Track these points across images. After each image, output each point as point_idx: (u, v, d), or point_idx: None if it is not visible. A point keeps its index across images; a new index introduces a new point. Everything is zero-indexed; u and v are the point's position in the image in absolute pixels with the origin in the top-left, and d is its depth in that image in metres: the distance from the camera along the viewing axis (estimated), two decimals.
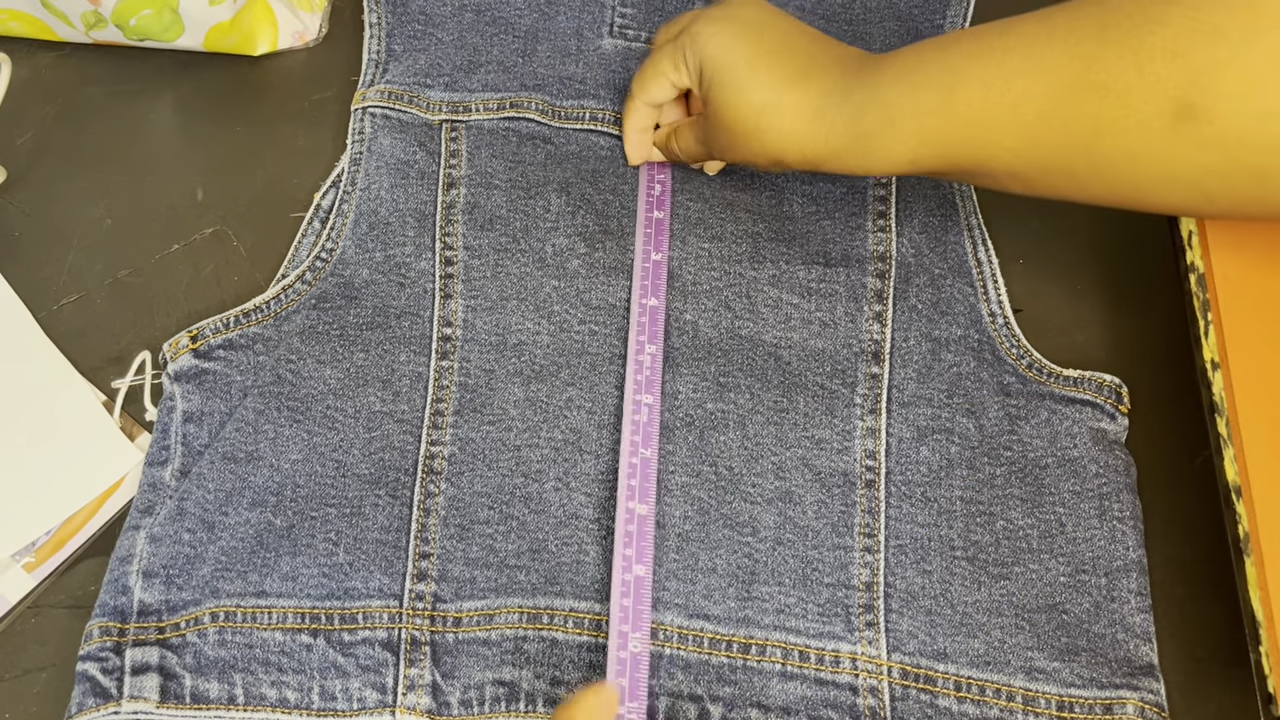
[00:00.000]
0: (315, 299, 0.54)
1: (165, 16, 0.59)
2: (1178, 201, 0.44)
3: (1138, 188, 0.44)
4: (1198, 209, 0.45)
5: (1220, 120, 0.40)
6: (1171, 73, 0.40)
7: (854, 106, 0.47)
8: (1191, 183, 0.42)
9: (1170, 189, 0.43)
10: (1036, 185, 0.46)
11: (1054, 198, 0.47)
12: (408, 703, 0.47)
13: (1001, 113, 0.44)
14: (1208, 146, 0.40)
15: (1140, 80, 0.41)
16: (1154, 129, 0.41)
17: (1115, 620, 0.49)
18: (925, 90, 0.45)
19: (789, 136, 0.49)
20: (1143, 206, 0.45)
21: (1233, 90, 0.39)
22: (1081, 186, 0.45)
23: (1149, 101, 0.41)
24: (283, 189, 0.59)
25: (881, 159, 0.47)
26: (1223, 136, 0.40)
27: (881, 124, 0.46)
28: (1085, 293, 0.58)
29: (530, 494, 0.51)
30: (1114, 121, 0.42)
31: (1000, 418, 0.53)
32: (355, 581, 0.49)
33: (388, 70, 0.60)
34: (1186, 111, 0.40)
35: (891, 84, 0.46)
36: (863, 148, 0.47)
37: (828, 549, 0.50)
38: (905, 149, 0.47)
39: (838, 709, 0.47)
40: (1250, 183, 0.41)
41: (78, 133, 0.61)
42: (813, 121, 0.48)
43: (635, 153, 0.58)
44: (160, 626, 0.48)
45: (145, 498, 0.50)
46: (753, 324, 0.54)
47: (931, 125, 0.45)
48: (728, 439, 0.52)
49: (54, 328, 0.56)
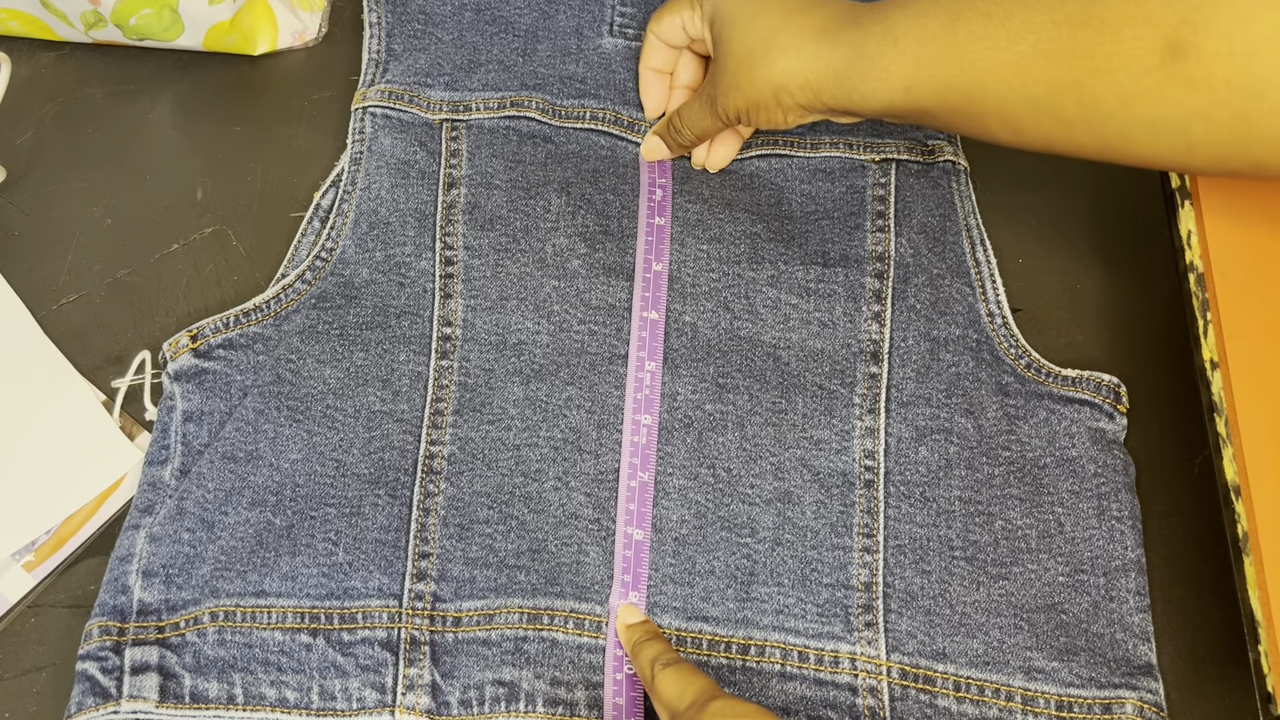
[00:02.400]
0: (315, 298, 0.54)
1: (165, 16, 0.59)
2: (1160, 149, 0.44)
3: (1123, 134, 0.44)
4: (1180, 158, 0.45)
5: (1208, 59, 0.40)
6: (1166, 8, 0.41)
7: (860, 28, 0.48)
8: (1176, 126, 0.43)
9: (1155, 134, 0.43)
10: (1024, 129, 0.46)
11: (1039, 147, 0.47)
12: (407, 702, 0.47)
13: (1000, 43, 0.45)
14: (1195, 86, 0.41)
15: (1136, 15, 0.41)
16: (1144, 66, 0.42)
17: (1114, 620, 0.49)
18: (931, 16, 0.46)
19: (794, 57, 0.50)
20: (1125, 156, 0.46)
21: (1222, 28, 0.40)
22: (1068, 131, 0.45)
23: (1141, 37, 0.41)
24: (282, 188, 0.59)
25: (879, 83, 0.48)
26: (1209, 76, 0.40)
27: (884, 45, 0.47)
28: (1085, 293, 0.58)
29: (530, 493, 0.51)
30: (1106, 57, 0.42)
31: (999, 417, 0.53)
32: (355, 581, 0.49)
33: (388, 70, 0.60)
34: (1177, 49, 0.41)
35: (897, 9, 0.48)
36: (862, 70, 0.48)
37: (827, 549, 0.50)
38: (903, 72, 0.47)
39: (837, 709, 0.47)
40: (1234, 127, 0.42)
41: (77, 132, 0.61)
42: (818, 40, 0.49)
43: (648, 91, 0.59)
44: (160, 626, 0.48)
45: (145, 497, 0.51)
46: (751, 324, 0.54)
47: (931, 51, 0.46)
48: (726, 440, 0.52)
49: (54, 327, 0.56)
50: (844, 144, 0.59)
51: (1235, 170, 0.44)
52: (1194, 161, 0.44)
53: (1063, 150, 0.46)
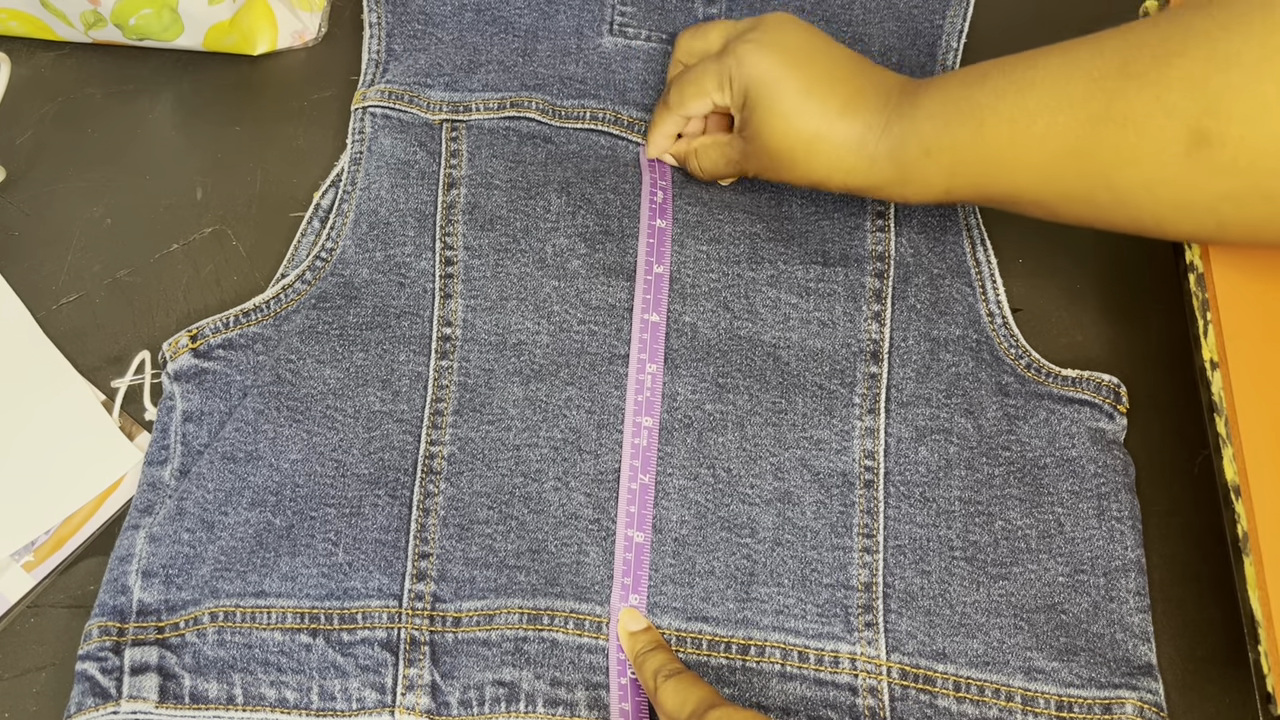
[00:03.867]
0: (315, 299, 0.54)
1: (164, 16, 0.59)
2: (1193, 229, 0.46)
3: (1156, 216, 0.45)
4: (1213, 236, 0.47)
5: (1233, 145, 0.41)
6: (1188, 101, 0.42)
7: (894, 139, 0.49)
8: (1207, 209, 0.44)
9: (1187, 216, 0.45)
10: (1061, 213, 0.48)
11: (1079, 225, 0.49)
12: (407, 703, 0.47)
13: (1028, 146, 0.46)
14: (1222, 172, 0.42)
15: (1158, 109, 0.42)
16: (1170, 156, 0.43)
17: (1114, 620, 0.49)
18: (957, 126, 0.47)
19: (835, 165, 0.51)
20: (1162, 234, 0.47)
21: (1245, 115, 0.41)
22: (1103, 214, 0.47)
23: (1165, 129, 0.42)
24: (282, 188, 0.59)
25: (919, 188, 0.50)
26: (1235, 161, 0.41)
27: (918, 155, 0.49)
28: (1084, 292, 0.58)
29: (530, 494, 0.51)
30: (1133, 150, 0.43)
31: (999, 418, 0.53)
32: (354, 581, 0.49)
33: (388, 70, 0.60)
34: (1201, 138, 0.42)
35: (926, 119, 0.48)
36: (902, 178, 0.50)
37: (826, 549, 0.50)
38: (940, 179, 0.49)
39: (837, 709, 0.47)
40: (1263, 207, 0.43)
41: (77, 132, 0.61)
42: (856, 153, 0.50)
43: (656, 152, 0.58)
44: (159, 626, 0.48)
45: (144, 497, 0.51)
46: (751, 324, 0.54)
47: (964, 158, 0.48)
48: (726, 440, 0.52)
49: (53, 327, 0.56)
50: None
51: (1269, 243, 0.46)
52: (1227, 236, 0.46)
53: (1103, 228, 0.48)
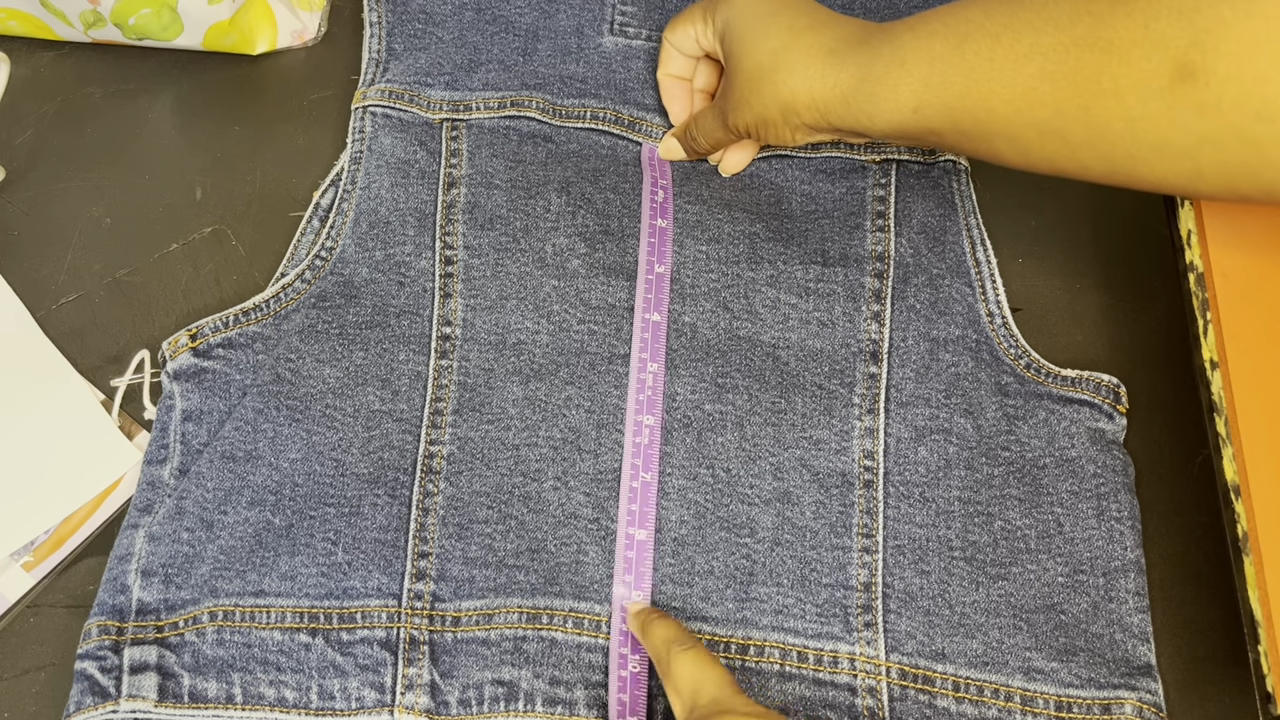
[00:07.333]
0: (314, 298, 0.54)
1: (164, 15, 0.59)
2: (1169, 173, 0.44)
3: (1130, 157, 0.44)
4: (1188, 183, 0.44)
5: (1217, 83, 0.40)
6: (1175, 30, 0.40)
7: (868, 49, 0.48)
8: (1183, 152, 0.42)
9: (1162, 158, 0.43)
10: (1031, 151, 0.46)
11: (1046, 170, 0.47)
12: (406, 702, 0.47)
13: (1007, 65, 0.44)
14: (1203, 110, 0.40)
15: (1145, 37, 0.41)
16: (1153, 89, 0.41)
17: (1113, 620, 0.49)
18: (939, 37, 0.46)
19: (801, 76, 0.50)
20: (1132, 180, 0.45)
21: (1231, 51, 0.39)
22: (1074, 154, 0.45)
23: (1150, 59, 0.41)
24: (282, 188, 0.59)
25: (887, 104, 0.48)
26: (1219, 100, 0.40)
27: (891, 65, 0.47)
28: (1084, 292, 0.58)
29: (529, 493, 0.51)
30: (1114, 79, 0.42)
31: (998, 418, 0.53)
32: (354, 581, 0.49)
33: (388, 69, 0.60)
34: (1185, 71, 0.40)
35: (906, 31, 0.47)
36: (870, 90, 0.48)
37: (826, 549, 0.50)
38: (910, 94, 0.47)
39: (836, 709, 0.47)
40: (1242, 152, 0.41)
41: (77, 132, 0.61)
42: (825, 61, 0.49)
43: (671, 99, 0.59)
44: (159, 625, 0.48)
45: (144, 496, 0.51)
46: (751, 324, 0.54)
47: (939, 72, 0.46)
48: (725, 440, 0.52)
49: (53, 327, 0.56)
50: (845, 145, 0.59)
51: (1245, 195, 0.43)
52: (1202, 186, 0.44)
53: (1069, 173, 0.46)
